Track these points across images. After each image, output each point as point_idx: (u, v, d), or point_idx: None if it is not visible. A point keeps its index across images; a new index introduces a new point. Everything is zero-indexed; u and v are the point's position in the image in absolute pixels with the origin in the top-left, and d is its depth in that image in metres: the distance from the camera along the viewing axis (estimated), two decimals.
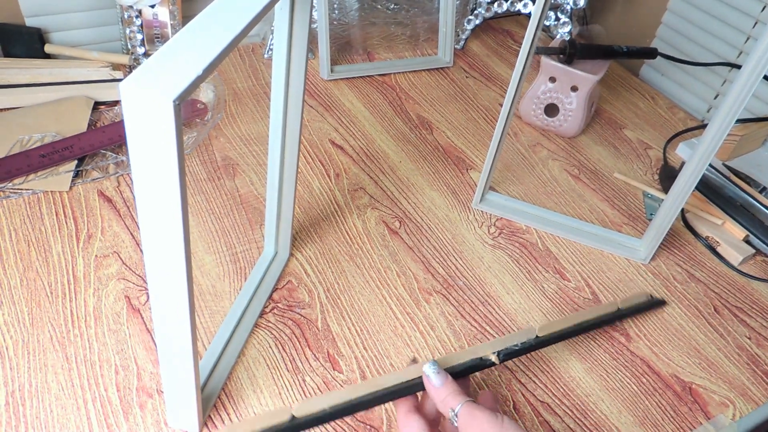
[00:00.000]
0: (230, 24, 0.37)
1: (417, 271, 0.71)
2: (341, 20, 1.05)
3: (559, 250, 0.77)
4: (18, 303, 0.60)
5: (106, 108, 0.85)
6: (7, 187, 0.71)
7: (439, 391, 0.45)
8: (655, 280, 0.75)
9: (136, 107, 0.33)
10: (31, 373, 0.55)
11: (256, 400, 0.56)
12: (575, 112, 0.93)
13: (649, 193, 0.88)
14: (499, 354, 0.48)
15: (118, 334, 0.59)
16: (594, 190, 0.88)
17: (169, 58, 0.34)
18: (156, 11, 0.90)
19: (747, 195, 0.83)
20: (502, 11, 1.11)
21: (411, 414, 0.46)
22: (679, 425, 0.61)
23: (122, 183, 0.75)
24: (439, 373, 0.46)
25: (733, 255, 0.79)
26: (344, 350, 0.62)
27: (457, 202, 0.81)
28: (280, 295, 0.66)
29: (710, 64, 1.04)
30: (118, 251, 0.67)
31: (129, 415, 0.53)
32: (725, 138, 0.64)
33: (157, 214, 0.37)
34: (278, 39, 0.52)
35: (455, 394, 0.45)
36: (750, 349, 0.69)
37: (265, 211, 0.68)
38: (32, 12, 0.87)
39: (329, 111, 0.93)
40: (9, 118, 0.79)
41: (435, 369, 0.46)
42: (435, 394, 0.45)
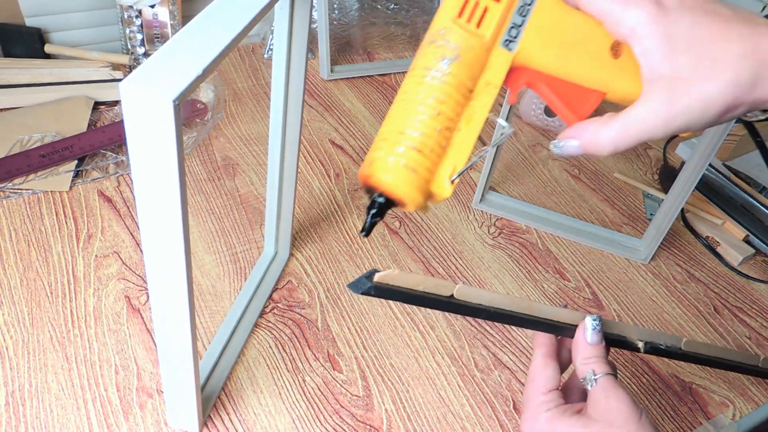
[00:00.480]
0: (230, 24, 0.37)
1: (417, 271, 0.71)
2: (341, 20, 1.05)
3: (559, 250, 0.77)
4: (18, 303, 0.60)
5: (106, 108, 0.85)
6: (7, 187, 0.71)
7: (589, 349, 0.43)
8: (655, 280, 0.75)
9: (136, 107, 0.33)
10: (31, 373, 0.55)
11: (256, 400, 0.56)
12: None
13: (649, 193, 0.88)
14: (646, 345, 0.47)
15: (118, 334, 0.59)
16: (594, 190, 0.88)
17: (169, 58, 0.34)
18: (156, 11, 0.90)
19: (747, 195, 0.83)
20: None
21: (550, 359, 0.44)
22: (679, 425, 0.61)
23: (122, 183, 0.75)
24: (599, 332, 0.43)
25: (733, 255, 0.79)
26: (344, 350, 0.62)
27: (457, 202, 0.81)
28: (280, 295, 0.66)
29: None
30: (118, 251, 0.67)
31: (129, 415, 0.53)
32: (725, 138, 0.64)
33: (157, 214, 0.37)
34: (278, 39, 0.52)
35: (603, 359, 0.43)
36: (750, 349, 0.69)
37: (265, 211, 0.68)
38: (32, 12, 0.87)
39: (329, 111, 0.93)
40: (9, 118, 0.79)
41: (596, 326, 0.44)
42: (583, 350, 0.43)
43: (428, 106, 0.36)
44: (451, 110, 0.36)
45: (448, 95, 0.36)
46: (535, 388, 0.43)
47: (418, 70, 0.37)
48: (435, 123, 0.36)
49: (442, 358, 0.62)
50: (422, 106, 0.36)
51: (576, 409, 0.42)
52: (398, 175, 0.36)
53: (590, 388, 0.41)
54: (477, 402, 0.59)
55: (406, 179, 0.36)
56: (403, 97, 0.37)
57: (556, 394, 0.42)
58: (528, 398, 0.43)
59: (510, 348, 0.65)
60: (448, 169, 0.37)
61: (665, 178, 0.90)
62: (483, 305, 0.43)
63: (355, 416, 0.56)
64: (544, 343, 0.45)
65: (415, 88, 0.36)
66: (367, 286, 0.39)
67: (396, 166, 0.36)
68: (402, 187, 0.36)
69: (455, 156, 0.37)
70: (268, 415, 0.55)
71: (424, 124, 0.36)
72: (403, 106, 0.37)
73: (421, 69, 0.36)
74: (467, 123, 0.37)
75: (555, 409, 0.41)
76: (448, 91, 0.36)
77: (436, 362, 0.62)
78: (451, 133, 0.37)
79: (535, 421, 0.41)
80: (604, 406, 0.40)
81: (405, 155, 0.36)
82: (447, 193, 0.38)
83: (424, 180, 0.37)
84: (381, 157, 0.36)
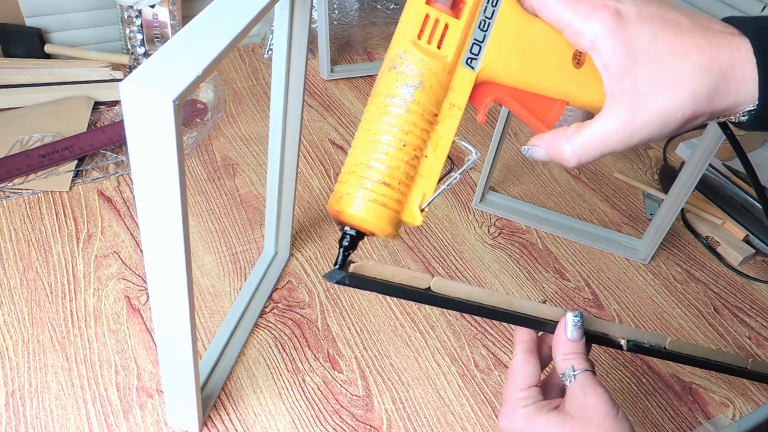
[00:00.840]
0: (230, 24, 0.37)
1: (417, 270, 0.71)
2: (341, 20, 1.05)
3: (559, 250, 0.77)
4: (18, 303, 0.60)
5: (106, 108, 0.85)
6: (7, 187, 0.71)
7: (569, 345, 0.43)
8: (655, 280, 0.75)
9: (136, 107, 0.33)
10: (31, 373, 0.55)
11: (256, 400, 0.56)
12: (575, 112, 0.93)
13: (649, 193, 0.88)
14: (629, 342, 0.47)
15: (118, 334, 0.59)
16: (594, 190, 0.88)
17: (169, 58, 0.34)
18: (156, 11, 0.90)
19: (747, 195, 0.83)
20: None
21: (531, 355, 0.44)
22: (679, 425, 0.61)
23: (122, 183, 0.75)
24: (579, 328, 0.44)
25: (733, 255, 0.79)
26: (344, 350, 0.62)
27: (457, 202, 0.81)
28: (280, 295, 0.66)
29: None
30: (118, 251, 0.67)
31: (129, 415, 0.53)
32: (725, 138, 0.64)
33: (157, 214, 0.37)
34: (278, 39, 0.52)
35: (583, 356, 0.43)
36: (750, 349, 0.69)
37: (265, 211, 0.68)
38: (32, 12, 0.87)
39: (329, 111, 0.93)
40: (9, 118, 0.79)
41: (577, 322, 0.44)
42: (563, 346, 0.43)
43: (394, 136, 0.36)
44: (416, 138, 0.36)
45: (413, 124, 0.36)
46: (514, 383, 0.43)
47: (380, 98, 0.36)
48: (401, 155, 0.36)
49: (442, 358, 0.62)
50: (387, 136, 0.36)
51: (554, 405, 0.42)
52: (368, 211, 0.36)
53: (569, 384, 0.42)
54: (477, 402, 0.59)
55: (375, 214, 0.36)
56: (368, 127, 0.37)
57: (535, 391, 0.42)
58: (507, 394, 0.43)
59: (510, 348, 0.65)
60: (418, 198, 0.38)
61: (665, 178, 0.90)
62: (460, 299, 0.43)
63: (355, 416, 0.56)
64: (525, 339, 0.45)
65: (378, 117, 0.36)
66: (341, 276, 0.39)
67: (365, 202, 0.36)
68: (372, 221, 0.37)
69: (423, 184, 0.37)
70: (268, 415, 0.55)
71: (390, 156, 0.36)
72: (368, 137, 0.37)
73: (383, 97, 0.36)
74: (434, 149, 0.37)
75: (533, 405, 0.41)
76: (413, 120, 0.36)
77: (436, 362, 0.62)
78: (418, 162, 0.37)
79: (512, 417, 0.41)
80: (581, 402, 0.40)
81: (373, 190, 0.36)
82: (418, 221, 0.38)
83: (393, 212, 0.37)
84: (350, 192, 0.37)
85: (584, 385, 0.41)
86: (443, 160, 0.38)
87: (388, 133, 0.36)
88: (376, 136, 0.36)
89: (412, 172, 0.37)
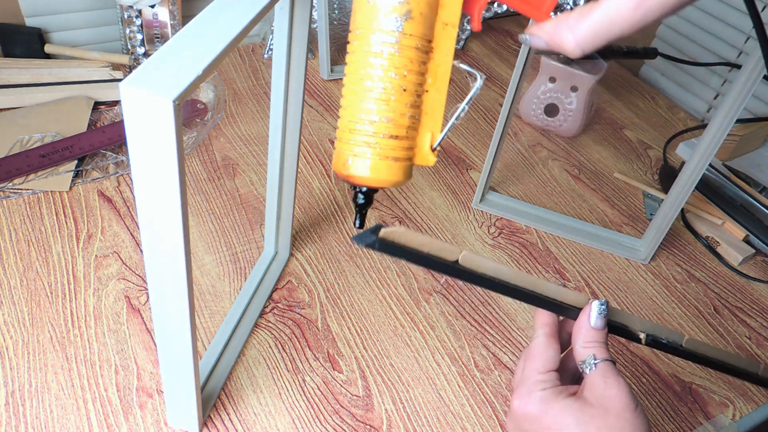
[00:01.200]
0: (230, 24, 0.37)
1: (417, 271, 0.71)
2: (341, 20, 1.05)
3: (559, 250, 0.77)
4: (18, 303, 0.60)
5: (106, 108, 0.85)
6: (7, 187, 0.71)
7: (591, 333, 0.42)
8: (655, 280, 0.75)
9: (136, 107, 0.33)
10: (31, 373, 0.55)
11: (256, 400, 0.56)
12: (575, 112, 0.93)
13: (649, 193, 0.88)
14: (648, 336, 0.46)
15: (118, 334, 0.59)
16: (594, 190, 0.88)
17: (169, 58, 0.34)
18: (156, 11, 0.90)
19: (747, 195, 0.83)
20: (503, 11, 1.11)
21: (553, 339, 0.43)
22: (679, 425, 0.61)
23: (122, 183, 0.75)
24: (604, 317, 0.43)
25: (733, 255, 0.79)
26: (344, 350, 0.62)
27: (457, 202, 0.81)
28: (280, 295, 0.66)
29: (710, 64, 1.04)
30: (118, 251, 0.67)
31: (129, 415, 0.53)
32: (725, 138, 0.64)
33: (157, 214, 0.37)
34: (278, 39, 0.52)
35: (604, 345, 0.42)
36: (750, 349, 0.69)
37: (265, 211, 0.68)
38: (32, 12, 0.87)
39: (329, 111, 0.93)
40: (9, 118, 0.79)
41: (603, 310, 0.43)
42: (585, 333, 0.42)
43: (392, 83, 0.33)
44: (416, 76, 0.34)
45: (410, 61, 0.33)
46: (533, 366, 0.42)
47: (364, 40, 0.33)
48: (404, 100, 0.33)
49: (442, 358, 0.62)
50: (383, 83, 0.33)
51: (571, 391, 0.41)
52: (381, 170, 0.34)
53: (588, 372, 0.41)
54: (477, 402, 0.59)
55: (389, 171, 0.35)
56: (358, 77, 0.33)
57: (554, 375, 0.42)
58: (524, 375, 0.42)
59: (510, 348, 0.65)
60: (427, 139, 0.36)
61: (665, 178, 0.90)
62: (487, 275, 0.42)
63: (355, 416, 0.56)
64: (548, 323, 0.44)
65: (368, 63, 0.33)
66: (372, 239, 0.38)
67: (376, 161, 0.34)
68: (387, 178, 0.35)
69: (430, 123, 0.35)
70: (268, 415, 0.55)
71: (391, 107, 0.33)
72: (361, 89, 0.33)
73: (367, 39, 0.33)
74: (434, 80, 0.34)
75: (551, 390, 0.41)
76: (408, 57, 0.33)
77: (436, 362, 0.62)
78: (421, 100, 0.35)
79: (528, 399, 0.41)
80: (601, 391, 0.39)
81: (382, 146, 0.34)
82: (431, 161, 0.36)
83: (406, 162, 0.35)
84: (357, 154, 0.34)
85: (606, 375, 0.40)
86: (445, 90, 0.35)
87: (383, 80, 0.33)
88: (374, 82, 0.33)
89: (418, 114, 0.35)
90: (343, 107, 0.36)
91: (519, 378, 0.43)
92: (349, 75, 0.35)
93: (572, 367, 0.44)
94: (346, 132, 0.35)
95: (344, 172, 0.35)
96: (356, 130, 0.34)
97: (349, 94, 0.35)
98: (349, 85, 0.35)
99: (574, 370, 0.44)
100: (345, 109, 0.35)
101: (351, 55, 0.35)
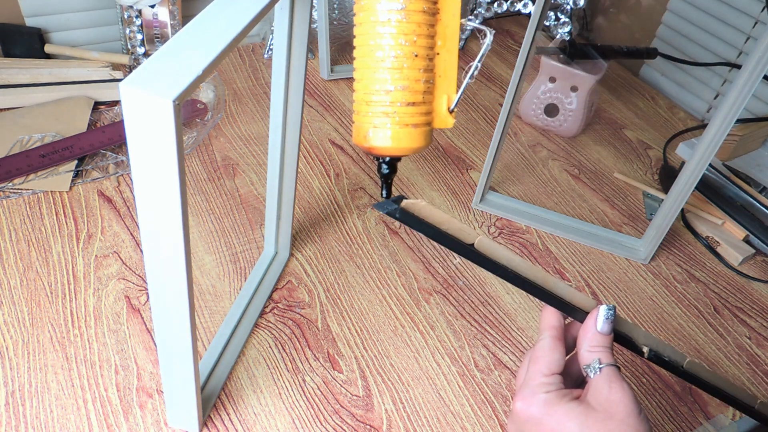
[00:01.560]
0: (230, 24, 0.37)
1: (417, 271, 0.71)
2: (341, 20, 1.05)
3: (559, 250, 0.77)
4: (18, 303, 0.60)
5: (106, 108, 0.85)
6: (7, 187, 0.71)
7: (597, 337, 0.42)
8: (655, 280, 0.75)
9: (135, 107, 0.33)
10: (31, 373, 0.55)
11: (256, 400, 0.56)
12: (575, 112, 0.93)
13: (649, 193, 0.88)
14: (651, 351, 0.46)
15: (118, 334, 0.59)
16: (594, 190, 0.88)
17: (169, 58, 0.34)
18: (156, 11, 0.90)
19: (747, 195, 0.83)
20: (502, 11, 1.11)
21: (559, 342, 0.43)
22: (679, 425, 0.61)
23: (122, 183, 0.75)
24: (610, 322, 0.43)
25: (733, 255, 0.79)
26: (344, 350, 0.62)
27: (457, 202, 0.81)
28: (280, 295, 0.66)
29: (710, 64, 1.04)
30: (118, 251, 0.67)
31: (129, 415, 0.53)
32: (725, 138, 0.64)
33: (157, 214, 0.37)
34: (278, 39, 0.52)
35: (609, 350, 0.42)
36: (750, 349, 0.69)
37: (265, 211, 0.68)
38: (32, 12, 0.87)
39: (329, 111, 0.93)
40: (9, 118, 0.79)
41: (610, 315, 0.43)
42: (591, 337, 0.42)
43: (403, 50, 0.33)
44: (426, 40, 0.34)
45: (418, 26, 0.33)
46: (537, 368, 0.42)
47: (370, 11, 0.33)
48: (416, 66, 0.34)
49: (442, 358, 0.62)
50: (394, 51, 0.33)
51: (574, 395, 0.41)
52: (402, 138, 0.35)
53: (592, 376, 0.41)
54: (477, 402, 0.59)
55: (410, 138, 0.35)
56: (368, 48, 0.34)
57: (558, 378, 0.42)
58: (528, 377, 0.42)
59: (510, 348, 0.65)
60: (443, 101, 0.36)
61: (665, 178, 0.90)
62: (500, 262, 0.41)
63: (355, 416, 0.56)
64: (554, 325, 0.44)
65: (378, 33, 0.33)
66: (393, 208, 0.38)
67: (395, 130, 0.34)
68: (409, 146, 0.35)
69: (444, 85, 0.35)
70: (268, 415, 0.55)
71: (405, 74, 0.33)
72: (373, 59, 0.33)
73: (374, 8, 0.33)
74: (443, 42, 0.34)
75: (555, 393, 0.41)
76: (416, 22, 0.33)
77: (436, 362, 0.62)
78: (433, 63, 0.35)
79: (531, 401, 0.41)
80: (605, 396, 0.39)
81: (401, 114, 0.34)
82: (450, 123, 0.36)
83: (425, 127, 0.35)
84: (377, 125, 0.35)
85: (611, 379, 0.40)
86: (456, 50, 0.35)
87: (394, 48, 0.33)
88: (384, 52, 0.33)
89: (432, 78, 0.35)
90: (356, 80, 0.36)
91: (522, 379, 0.43)
92: (359, 47, 0.35)
93: (575, 371, 0.44)
94: (363, 105, 0.35)
95: (366, 144, 0.36)
96: (373, 101, 0.35)
97: (362, 66, 0.35)
98: (360, 57, 0.35)
99: (577, 374, 0.44)
100: (359, 82, 0.35)
101: (358, 27, 0.35)
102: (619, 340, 0.45)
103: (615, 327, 0.44)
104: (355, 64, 0.36)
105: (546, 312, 0.44)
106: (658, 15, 1.11)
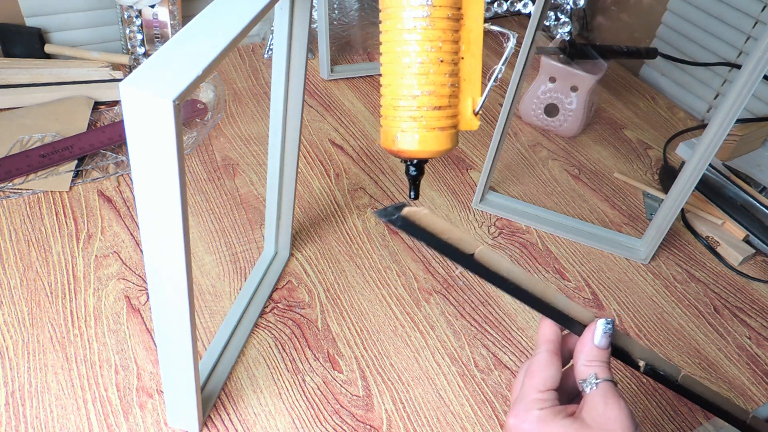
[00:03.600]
0: (230, 24, 0.37)
1: (417, 271, 0.71)
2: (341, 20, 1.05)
3: (559, 250, 0.77)
4: (18, 303, 0.60)
5: (106, 108, 0.85)
6: (7, 187, 0.71)
7: (594, 352, 0.42)
8: (655, 280, 0.75)
9: (135, 107, 0.33)
10: (31, 373, 0.55)
11: (256, 400, 0.56)
12: (575, 112, 0.93)
13: (649, 193, 0.88)
14: (647, 365, 0.46)
15: (118, 334, 0.59)
16: (594, 190, 0.88)
17: (169, 58, 0.34)
18: (156, 11, 0.90)
19: (747, 195, 0.83)
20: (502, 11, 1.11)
21: (555, 357, 0.42)
22: (679, 425, 0.61)
23: (122, 183, 0.75)
24: (608, 336, 0.42)
25: (733, 255, 0.79)
26: (344, 350, 0.62)
27: (457, 202, 0.81)
28: (280, 295, 0.66)
29: (710, 64, 1.04)
30: (118, 251, 0.67)
31: (129, 415, 0.53)
32: (725, 138, 0.64)
33: (157, 214, 0.37)
34: (278, 39, 0.52)
35: (607, 365, 0.42)
36: (750, 349, 0.69)
37: (265, 211, 0.68)
38: (32, 12, 0.87)
39: (329, 111, 0.93)
40: (9, 118, 0.79)
41: (608, 329, 0.42)
42: (588, 352, 0.42)
43: (428, 56, 0.34)
44: (451, 46, 0.35)
45: (442, 32, 0.34)
46: (532, 383, 0.42)
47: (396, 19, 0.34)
48: (442, 71, 0.35)
49: (442, 358, 0.62)
50: (421, 57, 0.34)
51: (569, 411, 0.41)
52: (429, 142, 0.36)
53: (588, 391, 0.41)
54: (477, 402, 0.59)
55: (437, 141, 0.36)
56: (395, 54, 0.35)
57: (553, 394, 0.41)
58: (522, 392, 0.42)
59: (510, 348, 0.65)
60: (468, 104, 0.37)
61: (665, 178, 0.90)
62: (500, 273, 0.41)
63: (355, 416, 0.56)
64: (551, 339, 0.43)
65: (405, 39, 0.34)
66: (395, 216, 0.38)
67: (423, 134, 0.35)
68: (436, 149, 0.36)
69: (469, 88, 0.36)
70: (268, 415, 0.55)
71: (431, 79, 0.35)
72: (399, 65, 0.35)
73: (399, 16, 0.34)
74: (467, 46, 0.36)
75: (549, 409, 0.40)
76: (440, 28, 0.34)
77: (436, 362, 0.62)
78: (458, 68, 0.36)
79: (525, 417, 0.40)
80: (601, 412, 0.39)
81: (428, 118, 0.35)
82: (476, 126, 0.37)
83: (452, 130, 0.36)
84: (404, 130, 0.36)
85: (606, 395, 0.40)
86: (480, 55, 0.36)
87: (420, 54, 0.34)
88: (408, 60, 0.34)
89: (457, 82, 0.36)
90: (384, 86, 0.37)
91: (517, 394, 0.43)
92: (386, 54, 0.36)
93: (571, 384, 0.44)
94: (390, 109, 0.36)
95: (394, 147, 0.36)
96: (400, 106, 0.35)
97: (389, 73, 0.36)
98: (387, 64, 0.36)
99: (573, 388, 0.43)
100: (386, 88, 0.36)
101: (385, 34, 0.36)
102: (615, 353, 0.45)
103: (612, 341, 0.43)
104: (381, 70, 0.37)
105: (544, 325, 0.44)
106: (658, 15, 1.11)
